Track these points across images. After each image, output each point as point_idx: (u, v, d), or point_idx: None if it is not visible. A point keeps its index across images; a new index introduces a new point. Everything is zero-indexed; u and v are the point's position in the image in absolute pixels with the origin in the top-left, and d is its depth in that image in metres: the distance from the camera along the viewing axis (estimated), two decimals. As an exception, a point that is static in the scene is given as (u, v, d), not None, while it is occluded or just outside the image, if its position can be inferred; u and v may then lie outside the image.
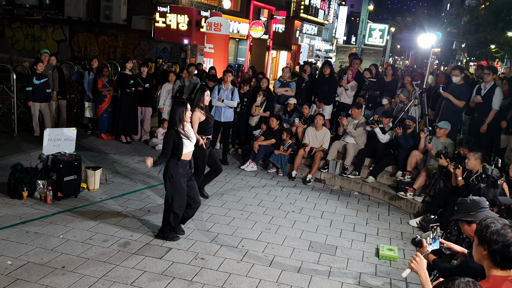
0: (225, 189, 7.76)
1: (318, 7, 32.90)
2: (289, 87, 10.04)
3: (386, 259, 5.66)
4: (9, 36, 20.93)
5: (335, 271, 5.26)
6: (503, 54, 29.87)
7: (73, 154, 6.86)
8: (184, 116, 5.29)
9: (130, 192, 7.20)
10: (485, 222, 2.50)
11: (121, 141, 9.99)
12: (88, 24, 18.77)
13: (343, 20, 49.37)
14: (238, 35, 22.05)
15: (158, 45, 18.10)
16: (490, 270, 2.47)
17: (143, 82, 9.98)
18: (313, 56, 36.85)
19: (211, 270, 4.98)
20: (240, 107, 9.48)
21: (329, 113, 10.11)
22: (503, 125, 7.86)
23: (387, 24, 29.98)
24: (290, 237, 6.08)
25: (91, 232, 5.62)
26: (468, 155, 6.36)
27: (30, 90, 9.32)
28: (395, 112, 9.36)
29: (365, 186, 8.35)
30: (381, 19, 73.98)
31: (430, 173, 7.54)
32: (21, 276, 4.51)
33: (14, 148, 8.75)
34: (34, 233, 5.45)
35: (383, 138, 8.52)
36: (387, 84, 10.02)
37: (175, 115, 5.26)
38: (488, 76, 8.10)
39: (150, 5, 17.79)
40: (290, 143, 9.01)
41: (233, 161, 9.52)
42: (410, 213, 7.48)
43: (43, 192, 6.46)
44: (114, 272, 4.76)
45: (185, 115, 5.29)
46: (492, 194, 4.86)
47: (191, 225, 6.09)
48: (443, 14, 48.78)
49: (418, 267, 2.80)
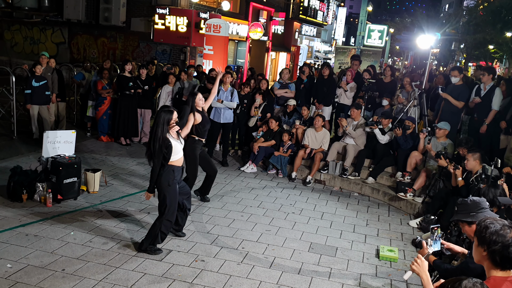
0: (225, 191, 7.76)
1: (317, 8, 32.95)
2: (288, 89, 10.05)
3: (386, 260, 5.66)
4: (8, 39, 20.93)
5: (335, 272, 5.26)
6: (501, 55, 29.88)
7: (72, 156, 6.85)
8: (169, 126, 5.01)
9: (130, 194, 7.19)
10: (485, 223, 2.50)
11: (121, 143, 9.98)
12: (87, 27, 18.77)
13: (342, 21, 49.42)
14: (237, 37, 22.06)
15: (157, 47, 18.12)
16: (490, 270, 2.47)
17: (142, 84, 9.99)
18: (312, 57, 36.89)
19: (211, 272, 4.97)
20: (240, 108, 9.49)
21: (329, 114, 10.12)
22: (503, 126, 7.87)
23: (386, 25, 30.01)
24: (290, 238, 6.07)
25: (91, 235, 5.62)
26: (467, 156, 6.36)
27: (28, 93, 9.31)
28: (394, 113, 9.37)
29: (365, 187, 8.35)
30: (380, 20, 74.07)
31: (430, 174, 7.54)
32: (21, 279, 4.50)
33: (13, 151, 8.74)
34: (34, 235, 5.44)
35: (383, 139, 8.52)
36: (386, 85, 10.02)
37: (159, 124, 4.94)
38: (484, 77, 8.10)
39: (149, 7, 17.81)
40: (290, 144, 9.01)
41: (233, 163, 9.52)
42: (410, 214, 7.48)
43: (43, 195, 6.45)
44: (114, 274, 4.75)
45: (169, 124, 5.01)
46: (492, 194, 4.86)
47: (191, 227, 6.08)
48: (441, 15, 48.83)
49: (419, 269, 2.80)
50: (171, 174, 5.13)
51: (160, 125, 4.96)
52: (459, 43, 36.34)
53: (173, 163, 5.14)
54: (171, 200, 5.16)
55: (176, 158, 5.17)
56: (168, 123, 5.01)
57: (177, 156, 5.17)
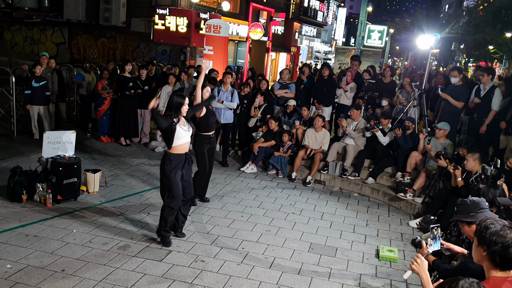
0: (225, 191, 7.76)
1: (317, 8, 32.97)
2: (288, 89, 10.05)
3: (386, 260, 5.66)
4: (8, 39, 20.94)
5: (335, 272, 5.26)
6: (501, 55, 29.90)
7: (72, 156, 6.86)
8: (181, 109, 5.23)
9: (130, 194, 7.19)
10: (485, 223, 2.50)
11: (121, 143, 9.98)
12: (87, 27, 18.78)
13: (342, 22, 49.41)
14: (237, 37, 22.08)
15: (158, 47, 18.12)
16: (489, 271, 2.47)
17: (142, 84, 9.99)
18: (312, 58, 36.89)
19: (211, 273, 4.97)
20: (240, 109, 9.49)
21: (329, 115, 10.12)
22: (502, 126, 7.87)
23: (386, 26, 30.00)
24: (290, 238, 6.07)
25: (91, 235, 5.62)
26: (467, 156, 6.37)
27: (28, 93, 9.32)
28: (394, 113, 9.37)
29: (365, 187, 8.35)
30: (380, 20, 74.05)
31: (430, 174, 7.54)
32: (20, 279, 4.50)
33: (13, 151, 8.74)
34: (33, 236, 5.45)
35: (385, 140, 8.53)
36: (386, 85, 10.03)
37: (171, 106, 5.20)
38: (483, 77, 8.11)
39: (149, 8, 17.82)
40: (290, 145, 9.01)
41: (233, 163, 9.52)
42: (410, 214, 7.48)
43: (43, 195, 6.46)
44: (114, 275, 4.75)
45: (181, 109, 5.22)
46: (492, 195, 4.86)
47: (191, 227, 6.08)
48: (441, 15, 48.84)
49: (419, 268, 2.80)
50: (169, 161, 5.27)
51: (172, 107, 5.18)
52: (459, 44, 36.34)
53: (174, 149, 5.26)
54: (169, 187, 5.31)
55: (178, 143, 5.25)
56: (180, 107, 5.20)
57: (179, 141, 5.24)
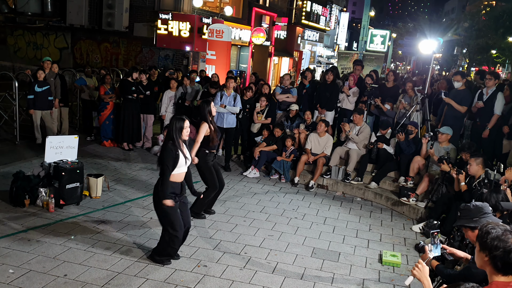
0: (228, 196, 7.75)
1: (320, 13, 32.98)
2: (290, 94, 10.05)
3: (389, 265, 5.64)
4: (11, 44, 21.01)
5: (338, 277, 5.24)
6: (504, 59, 29.90)
7: (75, 161, 6.86)
8: (181, 134, 4.93)
9: (132, 199, 7.19)
10: (486, 228, 2.49)
11: (123, 148, 10.00)
12: (90, 32, 18.85)
13: (345, 26, 49.42)
14: (240, 42, 22.10)
15: (160, 52, 18.17)
16: (492, 276, 2.46)
17: (144, 89, 10.01)
18: (315, 62, 36.90)
19: (213, 278, 4.96)
20: (242, 113, 9.49)
21: (331, 119, 10.11)
22: (505, 130, 7.85)
23: (389, 30, 30.09)
24: (293, 243, 6.06)
25: (93, 240, 5.62)
26: (470, 160, 6.35)
27: (31, 98, 9.35)
28: (397, 117, 9.36)
29: (368, 192, 8.34)
30: (382, 25, 74.13)
31: (433, 179, 7.52)
32: (23, 284, 4.50)
33: (16, 156, 8.76)
34: (36, 241, 5.45)
35: (392, 150, 8.57)
36: (388, 90, 10.02)
37: (172, 132, 4.89)
38: (490, 81, 8.10)
39: (152, 13, 17.89)
40: (292, 149, 9.01)
41: (236, 168, 9.52)
42: (413, 218, 7.46)
43: (45, 200, 6.46)
44: (116, 280, 4.74)
45: (182, 132, 4.93)
46: (495, 199, 4.85)
47: (194, 232, 6.07)
48: (444, 20, 48.87)
49: (420, 274, 2.80)
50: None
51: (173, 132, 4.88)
52: (461, 48, 36.36)
53: (172, 177, 4.91)
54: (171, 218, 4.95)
55: (177, 171, 4.94)
56: (181, 131, 4.92)
57: (178, 170, 4.94)
